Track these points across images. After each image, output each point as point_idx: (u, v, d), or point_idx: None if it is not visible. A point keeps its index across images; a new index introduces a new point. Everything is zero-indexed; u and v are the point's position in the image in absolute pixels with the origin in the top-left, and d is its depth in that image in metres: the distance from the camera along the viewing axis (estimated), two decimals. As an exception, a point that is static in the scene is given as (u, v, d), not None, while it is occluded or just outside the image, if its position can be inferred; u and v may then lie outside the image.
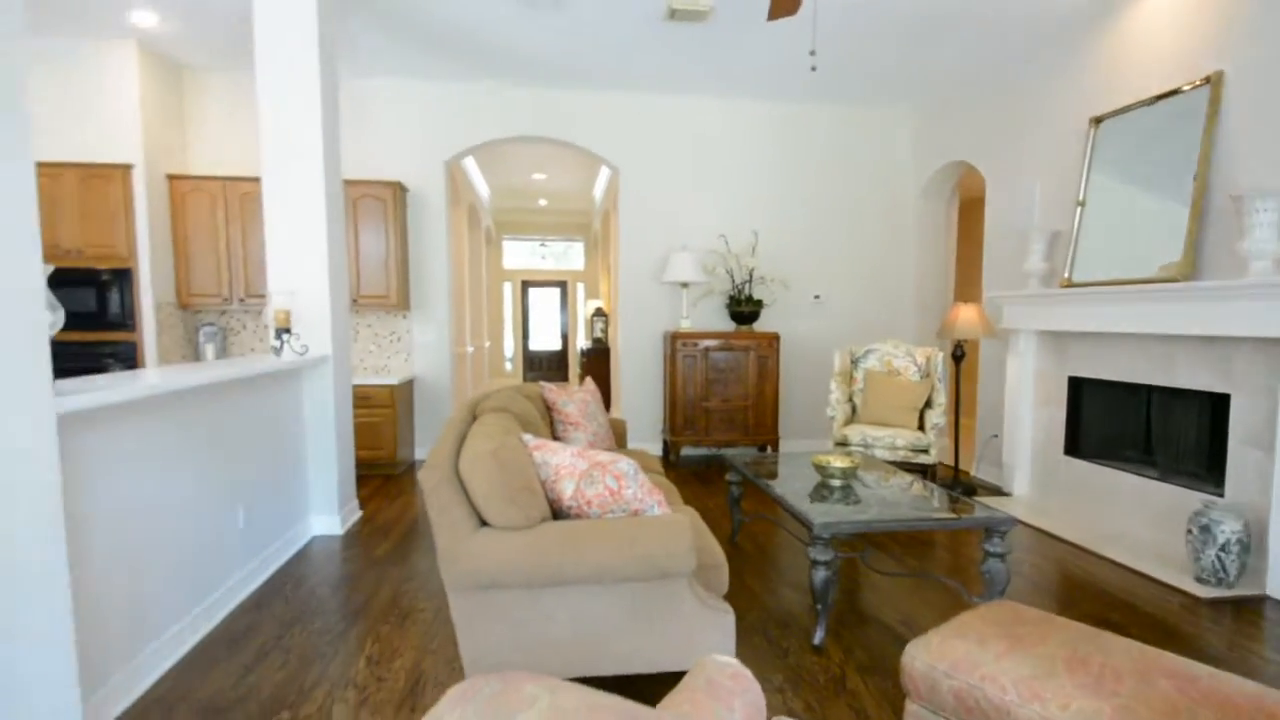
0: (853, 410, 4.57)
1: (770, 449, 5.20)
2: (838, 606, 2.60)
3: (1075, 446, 3.98)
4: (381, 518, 3.78)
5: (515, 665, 1.81)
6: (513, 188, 8.96)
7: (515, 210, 10.64)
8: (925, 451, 4.08)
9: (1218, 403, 3.11)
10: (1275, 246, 2.71)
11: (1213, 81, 3.07)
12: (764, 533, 3.54)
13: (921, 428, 4.28)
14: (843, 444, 4.20)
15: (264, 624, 2.46)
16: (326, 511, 3.51)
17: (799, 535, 3.47)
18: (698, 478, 4.77)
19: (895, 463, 4.06)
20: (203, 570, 2.43)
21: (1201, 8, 3.17)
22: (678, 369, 5.03)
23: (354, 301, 4.84)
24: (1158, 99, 3.36)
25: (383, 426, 4.68)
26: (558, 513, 1.98)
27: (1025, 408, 4.25)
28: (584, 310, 11.58)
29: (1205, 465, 3.20)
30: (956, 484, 4.34)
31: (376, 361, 5.23)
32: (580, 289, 12.18)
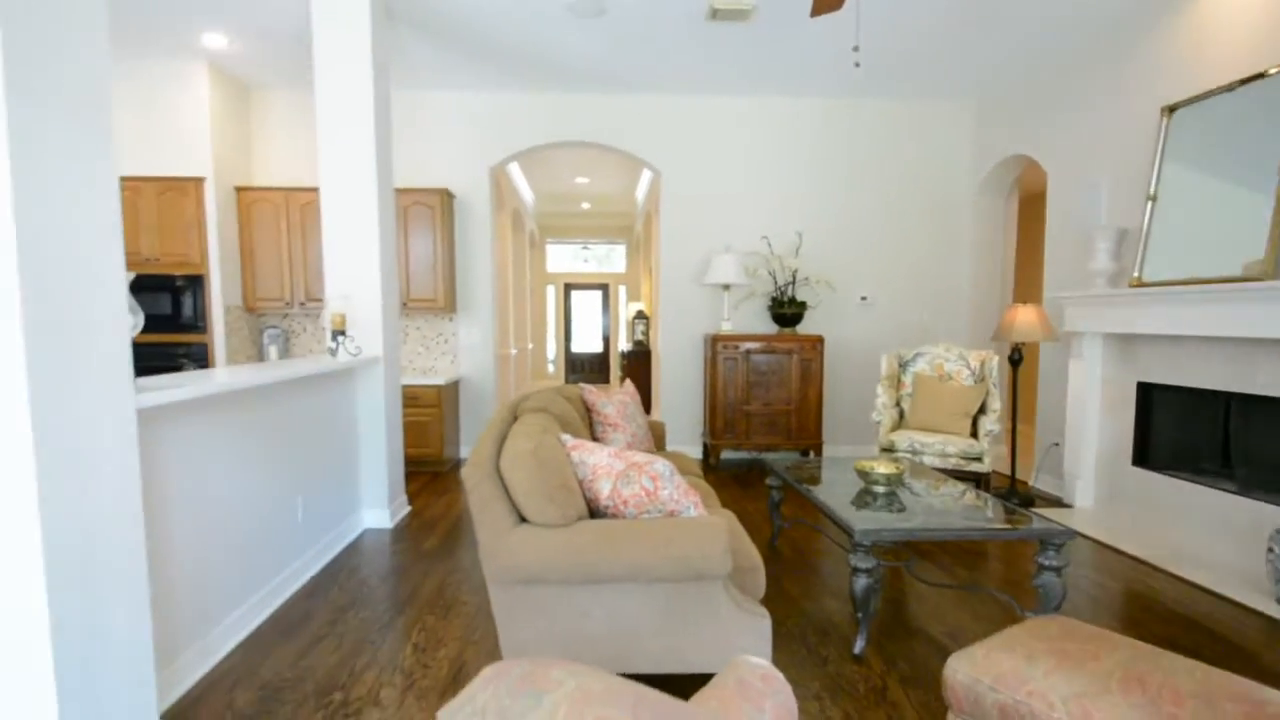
0: (900, 415, 4.45)
1: (813, 454, 5.11)
2: (881, 616, 2.54)
3: (1144, 457, 3.76)
4: (429, 513, 3.91)
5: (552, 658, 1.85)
6: (556, 192, 9.11)
7: (558, 214, 10.80)
8: (978, 459, 3.94)
9: (1302, 411, 2.89)
10: (1368, 242, 2.51)
11: (1301, 64, 2.86)
12: (805, 538, 3.48)
13: (975, 435, 4.13)
14: (889, 450, 4.10)
15: (319, 610, 2.58)
16: (377, 506, 3.65)
17: (840, 542, 3.40)
18: (737, 481, 4.73)
19: (946, 470, 3.93)
20: (264, 558, 2.57)
21: (1285, -13, 2.97)
22: (718, 372, 5.01)
23: (404, 305, 5.02)
24: (1240, 84, 3.16)
25: (430, 425, 4.83)
26: (595, 512, 2.01)
27: (1090, 415, 4.05)
28: (625, 313, 11.65)
29: (1288, 478, 2.99)
30: (1013, 494, 4.17)
31: (424, 363, 5.40)
32: (622, 291, 12.26)
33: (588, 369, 12.79)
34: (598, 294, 12.64)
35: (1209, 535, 3.28)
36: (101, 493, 1.57)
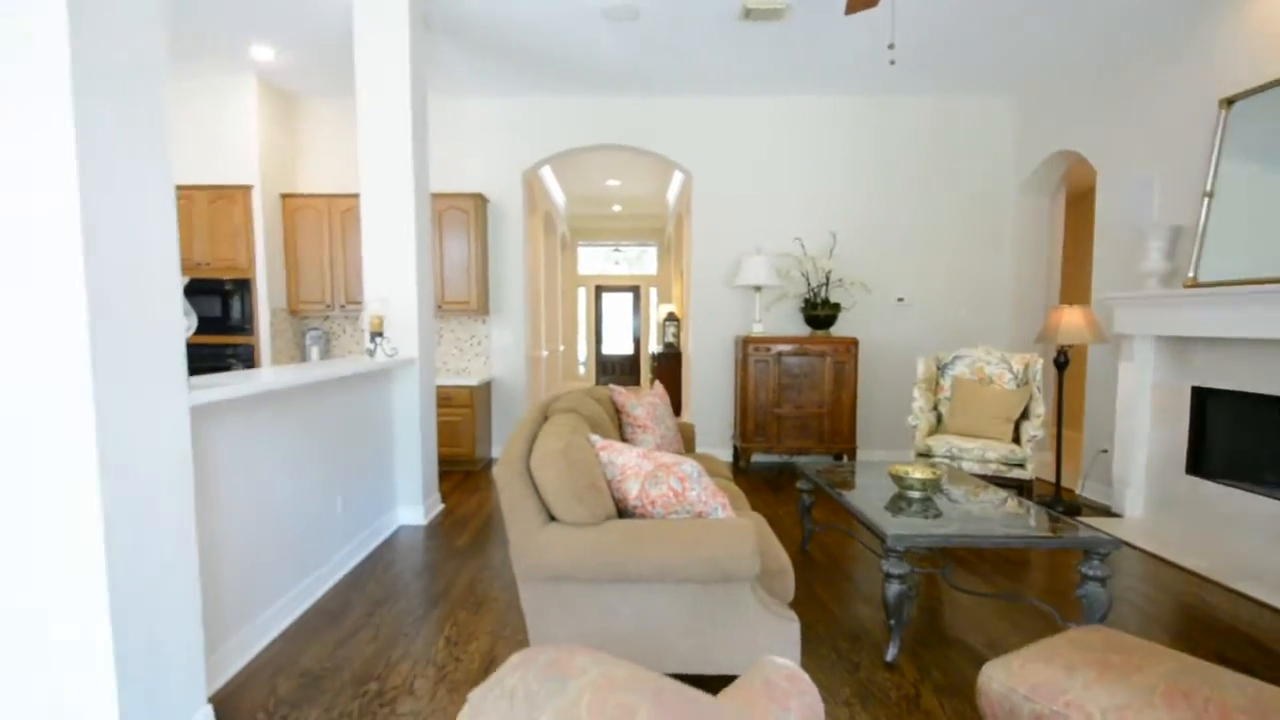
0: (938, 420, 4.35)
1: (846, 458, 5.03)
2: (916, 625, 2.49)
3: (1199, 465, 3.60)
4: (461, 511, 3.98)
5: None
6: (587, 194, 9.19)
7: (590, 216, 10.89)
8: (1020, 466, 3.82)
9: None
10: None
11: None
12: (836, 543, 3.44)
13: (1017, 440, 4.01)
14: (926, 455, 4.01)
15: (357, 603, 2.67)
16: (412, 503, 3.74)
17: (874, 548, 3.34)
18: (768, 485, 4.69)
19: (985, 477, 3.83)
20: (305, 551, 2.67)
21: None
22: (749, 374, 4.98)
23: (438, 307, 5.13)
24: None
25: (462, 425, 4.92)
26: (623, 512, 2.02)
27: (1140, 420, 3.89)
28: (656, 315, 11.67)
29: (1356, 489, 2.82)
30: (1058, 502, 4.03)
31: (457, 364, 5.51)
32: (653, 294, 12.28)
33: (618, 371, 12.84)
34: (628, 296, 12.68)
35: (1267, 546, 3.12)
36: (157, 486, 1.65)
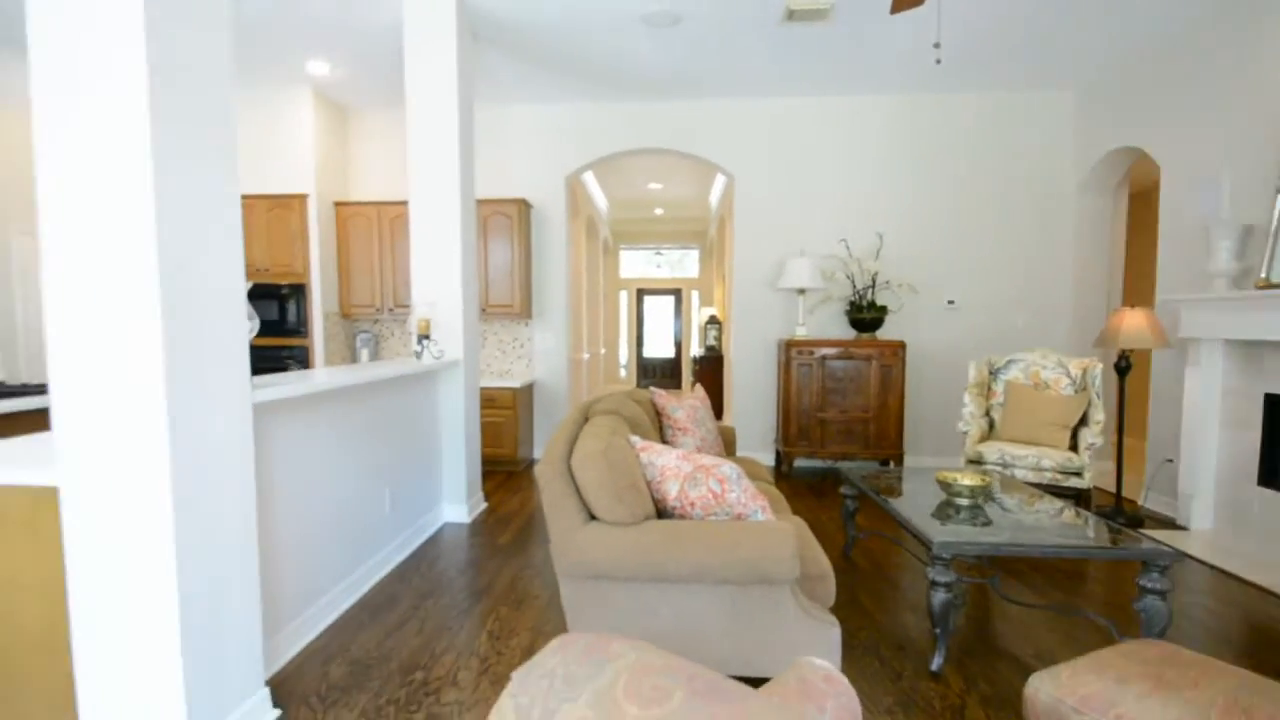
0: (990, 426, 4.21)
1: (893, 464, 4.91)
2: (964, 635, 2.42)
3: (1273, 475, 3.38)
4: (503, 510, 4.07)
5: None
6: (629, 198, 9.25)
7: (632, 220, 10.96)
8: (1078, 474, 3.67)
9: None
10: None
11: None
12: (881, 550, 3.37)
13: (1074, 448, 3.84)
14: (976, 462, 3.89)
15: (404, 596, 2.76)
16: (456, 501, 3.84)
17: (920, 555, 3.26)
18: (811, 490, 4.63)
19: (1040, 485, 3.69)
20: (355, 544, 2.78)
21: None
22: (792, 377, 4.92)
23: (482, 310, 5.26)
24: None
25: (505, 426, 5.03)
26: (662, 512, 2.04)
27: (1209, 429, 3.68)
28: (697, 318, 11.64)
29: None
30: (1119, 513, 3.84)
31: (501, 366, 5.63)
32: (695, 296, 12.26)
33: (659, 374, 12.86)
34: (670, 299, 12.70)
35: (1354, 567, 2.91)
36: (222, 479, 1.76)
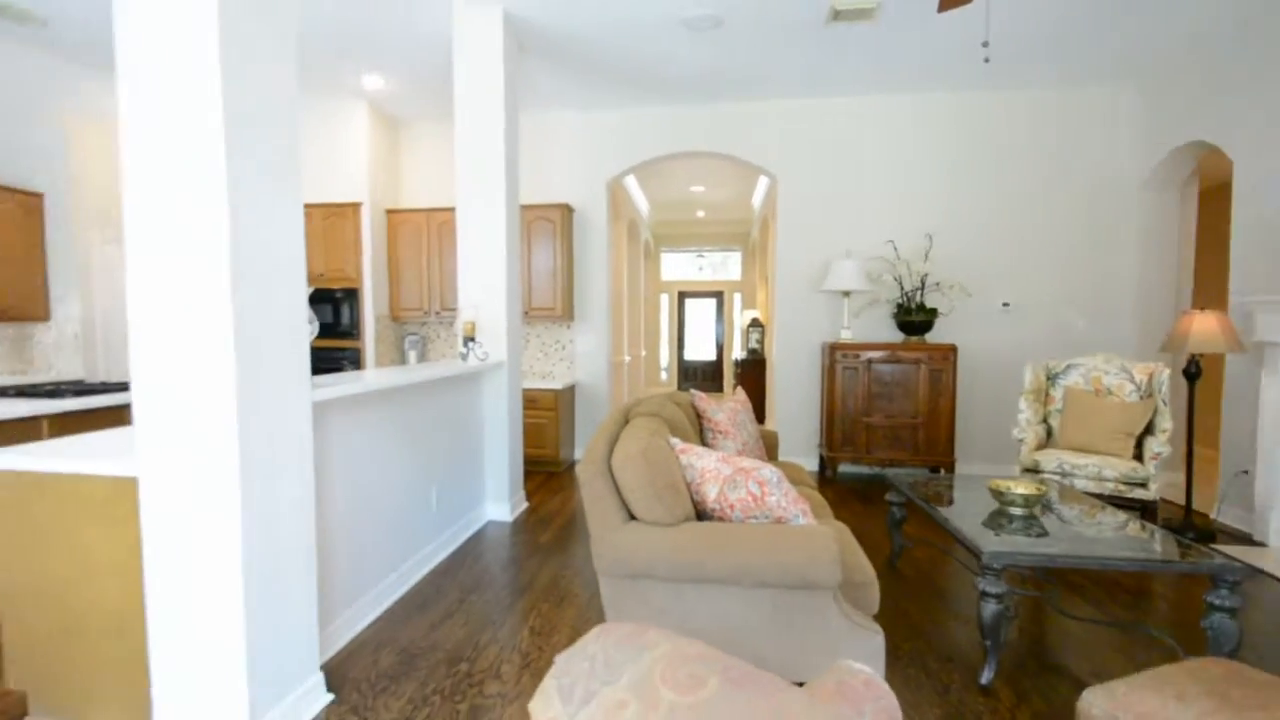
0: (1048, 433, 4.04)
1: (944, 472, 4.76)
2: (1016, 649, 2.33)
3: (1363, 490, 3.13)
4: (544, 509, 4.13)
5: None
6: (671, 201, 9.26)
7: (673, 223, 10.97)
8: (1142, 485, 3.48)
9: None
10: None
11: None
12: (929, 559, 3.27)
13: (1139, 458, 3.65)
14: (1033, 470, 3.73)
15: (449, 590, 2.84)
16: (499, 500, 3.92)
17: (970, 566, 3.15)
18: (856, 496, 4.53)
19: (1101, 496, 3.52)
20: (403, 539, 2.87)
21: None
22: (836, 381, 4.83)
23: (525, 313, 5.36)
24: None
25: (547, 427, 5.10)
26: (702, 514, 2.04)
27: (1286, 438, 3.44)
28: (740, 320, 11.55)
29: None
30: (1189, 527, 3.63)
31: (543, 368, 5.71)
32: (737, 299, 12.17)
33: (701, 377, 12.82)
34: (712, 302, 12.65)
35: None
36: (284, 473, 1.85)
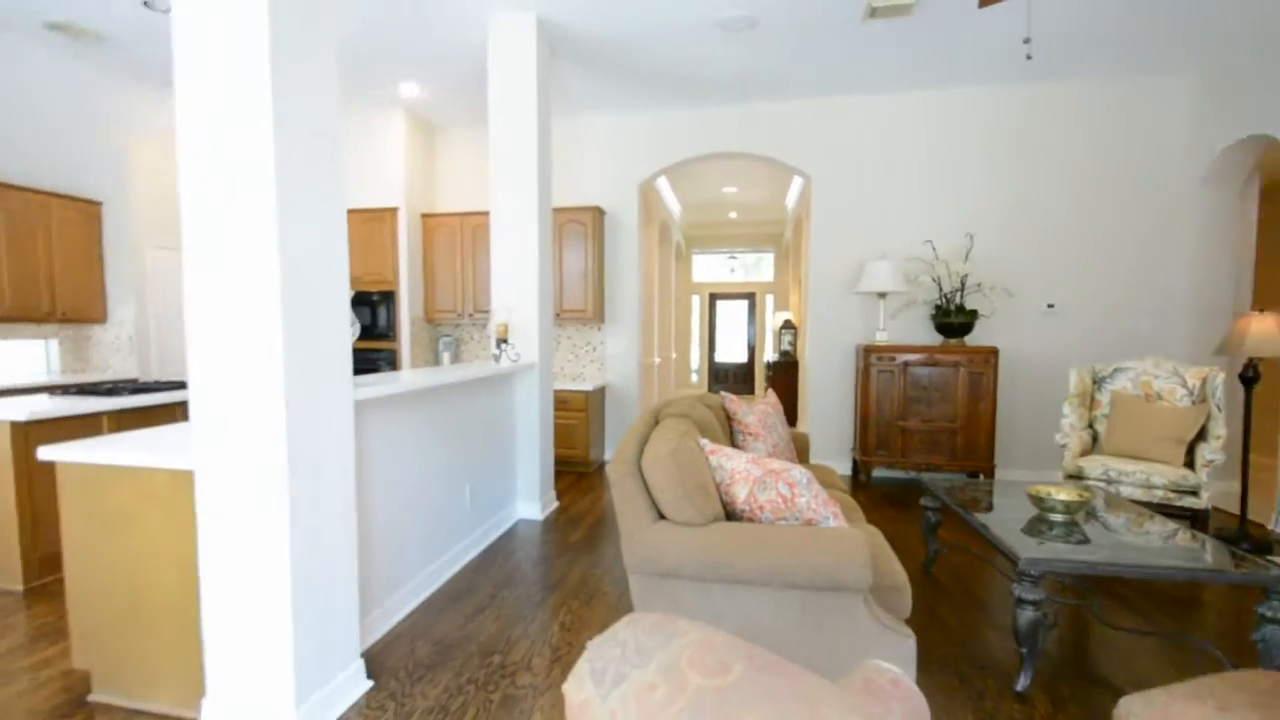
0: (1093, 439, 3.92)
1: (983, 477, 4.65)
2: (1055, 658, 2.27)
3: None
4: (574, 509, 4.18)
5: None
6: (703, 202, 9.26)
7: (705, 224, 10.95)
8: (1193, 493, 3.35)
9: None
10: None
11: None
12: (966, 566, 3.21)
13: (1190, 465, 3.52)
14: (1076, 477, 3.63)
15: (481, 585, 2.90)
16: (530, 499, 3.99)
17: (1008, 574, 3.08)
18: (890, 501, 4.46)
19: (1149, 504, 3.40)
20: (438, 535, 2.95)
21: None
22: (871, 384, 4.77)
23: (556, 315, 5.43)
24: None
25: (577, 428, 5.16)
26: (731, 515, 2.05)
27: (1351, 446, 3.27)
28: (772, 322, 11.46)
29: None
30: (1243, 537, 3.47)
31: (573, 369, 5.78)
32: (769, 301, 12.08)
33: (732, 379, 12.75)
34: (743, 303, 12.57)
35: None
36: (328, 468, 1.93)
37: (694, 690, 0.60)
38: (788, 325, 9.50)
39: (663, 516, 1.99)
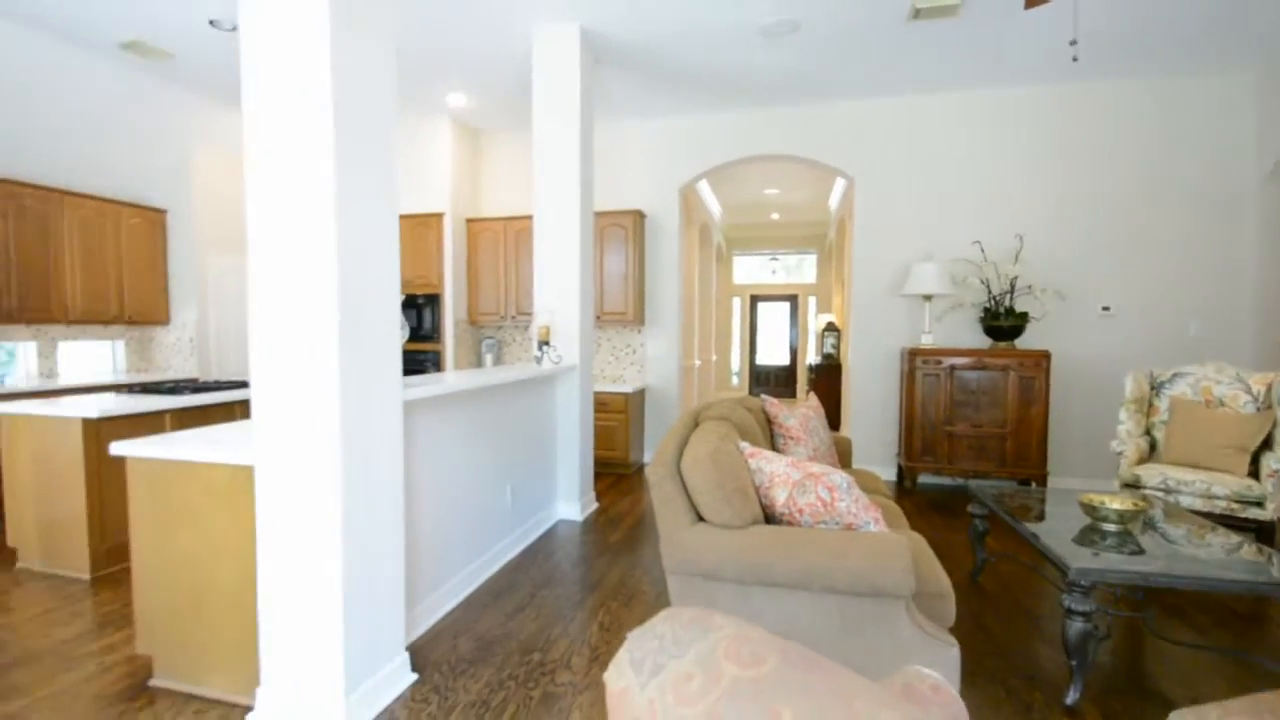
0: (1151, 447, 3.73)
1: (1034, 485, 4.46)
2: (1108, 672, 2.16)
3: None
4: (614, 510, 4.20)
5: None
6: (744, 204, 9.20)
7: (746, 226, 10.87)
8: (1258, 504, 3.15)
9: None
10: None
11: None
12: (1015, 575, 3.08)
13: (1254, 475, 3.30)
14: (1133, 486, 3.45)
15: (522, 584, 2.95)
16: (570, 500, 4.02)
17: (1058, 584, 2.94)
18: (936, 508, 4.33)
19: (1210, 515, 3.21)
20: (480, 533, 3.01)
21: None
22: (916, 388, 4.64)
23: (597, 318, 5.47)
24: None
25: (617, 430, 5.18)
26: (770, 518, 2.02)
27: None
28: (814, 325, 11.28)
29: None
30: (1314, 552, 3.24)
31: (614, 371, 5.81)
32: (811, 303, 11.89)
33: (773, 382, 12.59)
34: (785, 305, 12.41)
35: None
36: (379, 466, 1.99)
37: (729, 681, 0.61)
38: (830, 328, 9.34)
39: (702, 519, 1.98)
